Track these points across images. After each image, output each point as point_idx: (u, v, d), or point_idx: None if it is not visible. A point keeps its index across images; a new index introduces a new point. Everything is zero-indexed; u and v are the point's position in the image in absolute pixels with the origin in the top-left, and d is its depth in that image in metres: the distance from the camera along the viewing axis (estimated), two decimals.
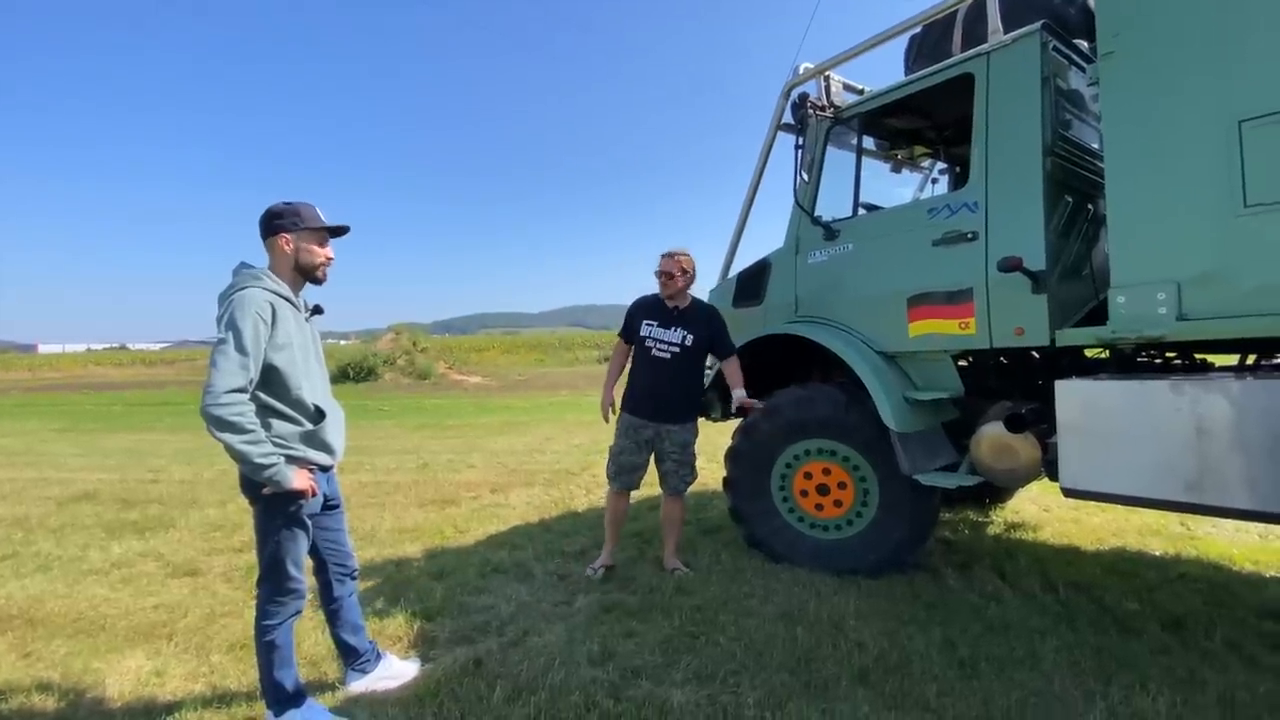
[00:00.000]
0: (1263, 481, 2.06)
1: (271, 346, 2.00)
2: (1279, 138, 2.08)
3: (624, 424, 3.51)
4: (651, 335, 3.43)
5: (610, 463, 3.55)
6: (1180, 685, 2.28)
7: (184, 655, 2.74)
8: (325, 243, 2.22)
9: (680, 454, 3.48)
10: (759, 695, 2.29)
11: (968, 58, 2.99)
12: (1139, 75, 2.35)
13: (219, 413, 1.86)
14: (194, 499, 5.80)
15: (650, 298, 3.55)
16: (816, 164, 3.57)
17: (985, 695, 2.25)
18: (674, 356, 3.40)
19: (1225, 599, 3.01)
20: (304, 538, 2.16)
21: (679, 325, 3.41)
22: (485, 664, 2.57)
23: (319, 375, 2.23)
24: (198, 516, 5.12)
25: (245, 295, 1.99)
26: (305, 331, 2.19)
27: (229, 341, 1.91)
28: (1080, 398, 2.41)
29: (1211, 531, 3.95)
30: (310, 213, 2.17)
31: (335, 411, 2.25)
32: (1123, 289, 2.37)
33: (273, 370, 2.01)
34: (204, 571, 3.81)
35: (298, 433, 2.09)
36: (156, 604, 3.31)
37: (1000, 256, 2.70)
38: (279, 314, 2.04)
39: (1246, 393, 2.10)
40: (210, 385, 1.87)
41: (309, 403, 2.11)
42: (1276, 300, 2.10)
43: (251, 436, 1.90)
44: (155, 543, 4.45)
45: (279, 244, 2.14)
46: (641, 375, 3.48)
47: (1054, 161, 2.77)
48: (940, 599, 3.05)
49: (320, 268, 2.20)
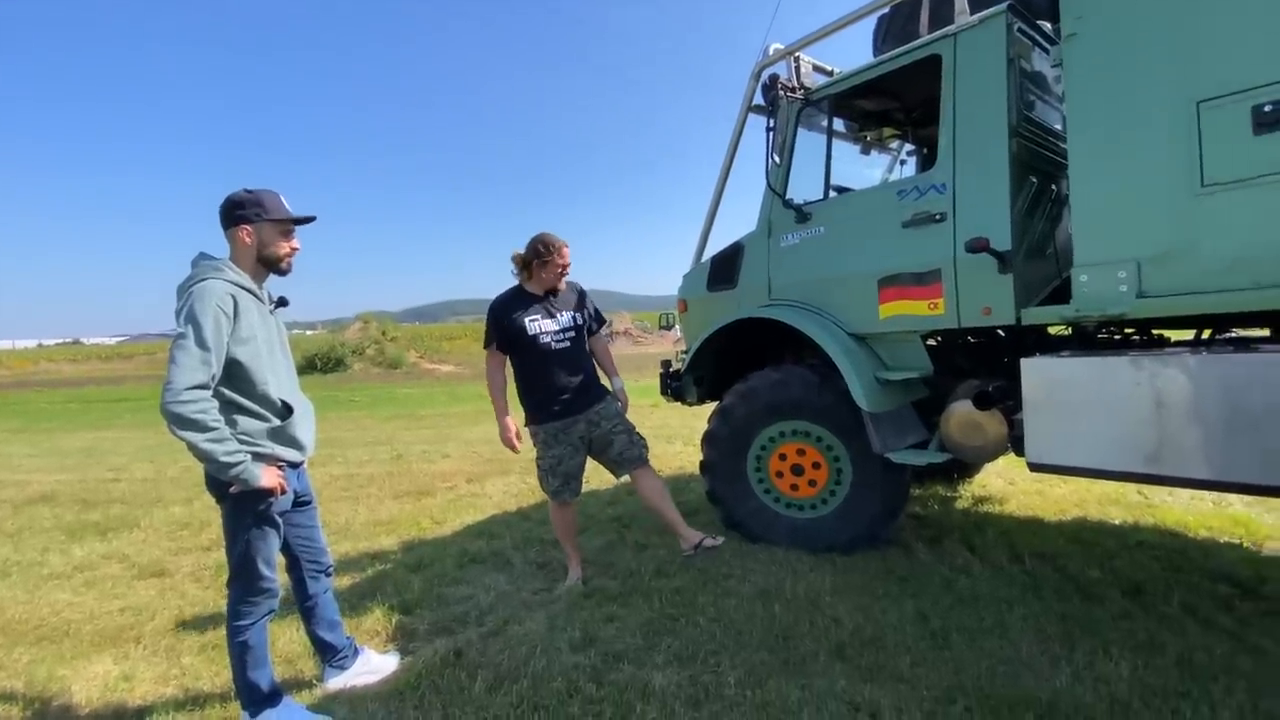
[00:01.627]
0: (1217, 452, 2.14)
1: (234, 340, 1.93)
2: (1235, 118, 2.13)
3: (548, 434, 3.15)
4: (543, 330, 3.09)
5: (549, 477, 3.18)
6: (1141, 649, 2.38)
7: (153, 658, 2.68)
8: (290, 233, 2.13)
9: (622, 424, 3.26)
10: (739, 674, 2.33)
11: (934, 39, 3.00)
12: (1101, 57, 2.38)
13: (180, 410, 1.79)
14: (158, 497, 5.65)
15: (511, 295, 3.17)
16: (788, 146, 3.56)
17: (956, 664, 2.32)
18: (572, 341, 3.16)
19: (1182, 564, 3.14)
20: (275, 536, 2.11)
21: (562, 309, 3.17)
22: (466, 654, 2.56)
23: (285, 369, 2.17)
24: (163, 515, 4.99)
25: (205, 287, 1.91)
26: (270, 324, 2.12)
27: (189, 336, 1.84)
28: (1044, 375, 2.47)
29: (1168, 500, 4.11)
30: (274, 202, 2.08)
31: (304, 406, 2.19)
32: (1085, 268, 2.43)
33: (236, 365, 1.95)
34: (171, 572, 3.72)
35: (265, 429, 2.03)
36: (123, 607, 3.23)
37: (968, 237, 2.74)
38: (241, 306, 1.97)
39: (1201, 367, 2.17)
40: (170, 382, 1.80)
41: (275, 398, 2.05)
42: (1231, 278, 2.17)
43: (215, 434, 1.84)
44: (119, 544, 4.33)
45: (240, 235, 2.05)
46: (547, 376, 3.10)
47: (1019, 143, 2.81)
48: (912, 573, 3.13)
49: (284, 259, 2.13)
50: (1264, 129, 2.08)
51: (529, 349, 3.09)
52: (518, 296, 3.16)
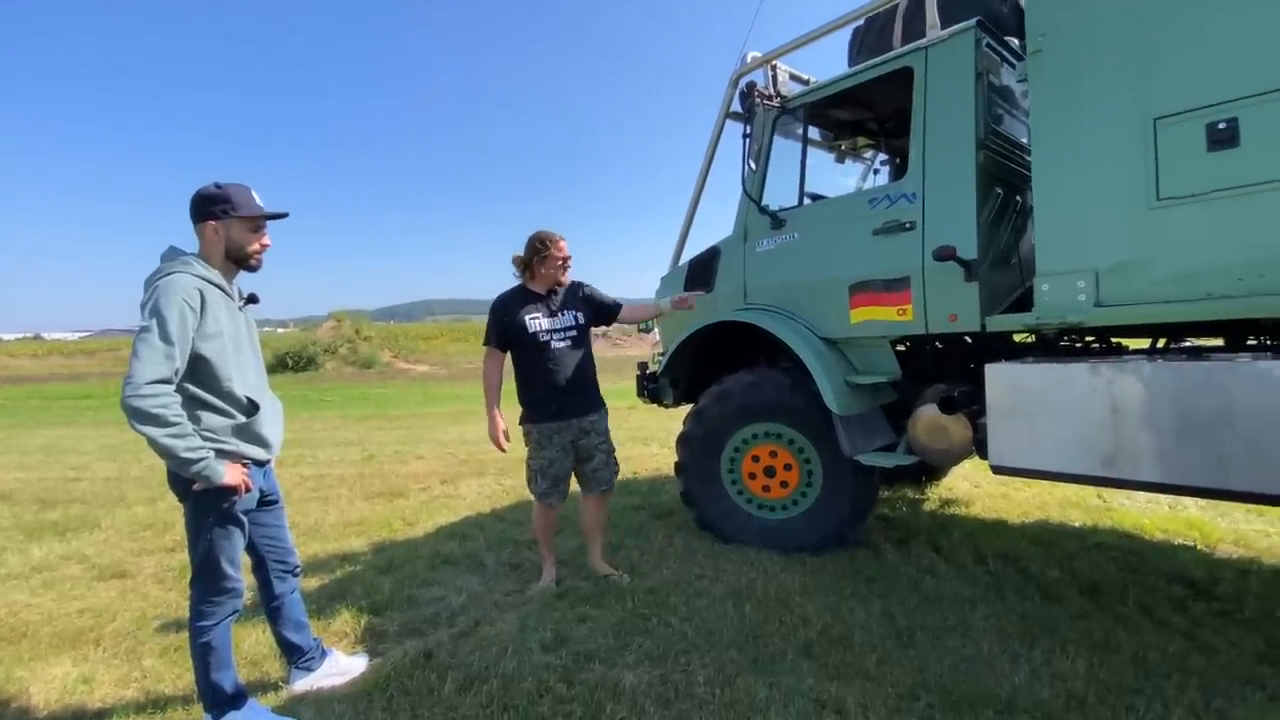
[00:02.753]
0: (1169, 456, 2.22)
1: (200, 335, 1.90)
2: (1190, 135, 2.22)
3: (541, 434, 3.10)
4: (544, 329, 3.06)
5: (538, 479, 3.13)
6: (1097, 647, 2.45)
7: (113, 660, 2.61)
8: (260, 229, 2.09)
9: (606, 443, 3.24)
10: (709, 673, 2.35)
11: (906, 52, 3.08)
12: (1064, 74, 2.46)
13: (140, 404, 1.75)
14: (120, 497, 5.51)
15: (514, 293, 3.14)
16: (764, 153, 3.61)
17: (920, 662, 2.37)
18: (574, 341, 3.12)
19: (1138, 566, 3.24)
20: (239, 535, 2.07)
21: (564, 308, 3.14)
22: (436, 655, 2.55)
23: (253, 366, 2.13)
24: (125, 515, 4.87)
25: (172, 281, 1.88)
26: (238, 320, 2.09)
27: (153, 329, 1.80)
28: (1007, 380, 2.54)
29: (1126, 503, 4.24)
30: (244, 197, 2.04)
31: (271, 403, 2.16)
32: (1046, 277, 2.51)
33: (201, 360, 1.91)
34: (133, 573, 3.63)
35: (229, 425, 1.99)
36: (82, 608, 3.14)
37: (935, 246, 2.82)
38: (208, 301, 1.93)
39: (1155, 375, 2.25)
40: (131, 376, 1.76)
41: (241, 395, 2.01)
42: (1184, 289, 2.26)
43: (176, 430, 1.80)
44: (79, 544, 4.21)
45: (208, 231, 2.02)
46: (546, 375, 3.07)
47: (986, 154, 2.89)
48: (880, 573, 3.18)
49: (254, 256, 2.09)
50: (1217, 146, 2.18)
51: (529, 347, 3.06)
52: (520, 294, 3.14)
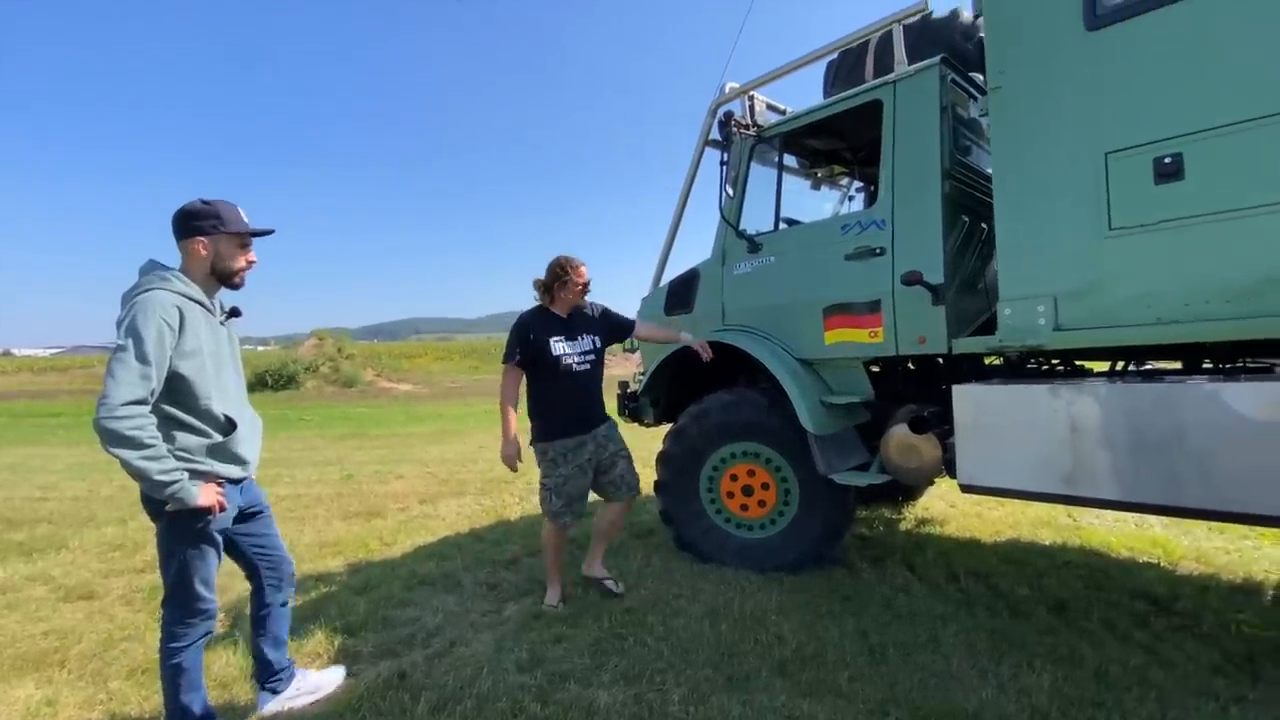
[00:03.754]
0: (1125, 474, 2.31)
1: (178, 354, 1.88)
2: (1139, 169, 2.34)
3: (556, 452, 3.14)
4: (565, 352, 3.12)
5: (553, 498, 3.17)
6: (1062, 662, 2.51)
7: (79, 683, 2.56)
8: (247, 246, 2.10)
9: (624, 450, 3.31)
10: (683, 691, 2.37)
11: (876, 85, 3.21)
12: (1022, 109, 2.59)
13: (113, 426, 1.73)
14: (89, 517, 5.39)
15: (537, 314, 3.20)
16: (741, 179, 3.72)
17: (891, 679, 2.41)
18: (592, 364, 3.22)
19: (1103, 583, 3.32)
20: (212, 556, 2.04)
21: (582, 332, 3.22)
22: (410, 676, 2.54)
23: (234, 383, 2.13)
24: (93, 536, 4.77)
25: (150, 298, 1.87)
26: (219, 337, 2.08)
27: (129, 349, 1.78)
28: (973, 401, 2.63)
29: (1094, 522, 4.34)
30: (231, 214, 2.04)
31: (250, 420, 2.15)
32: (1009, 302, 2.61)
33: (179, 379, 1.89)
34: (101, 595, 3.56)
35: (204, 445, 1.97)
36: (47, 630, 3.08)
37: (904, 271, 2.92)
38: (187, 319, 1.92)
39: (1111, 396, 2.35)
40: (105, 396, 1.74)
41: (219, 413, 2.00)
42: (1136, 313, 2.36)
43: (150, 452, 1.77)
44: (45, 565, 4.12)
45: (195, 247, 2.01)
46: (564, 395, 3.14)
47: (952, 184, 3.01)
48: (855, 591, 3.23)
49: (239, 274, 2.09)
50: (1164, 179, 2.30)
51: (550, 369, 3.11)
52: (542, 316, 3.19)
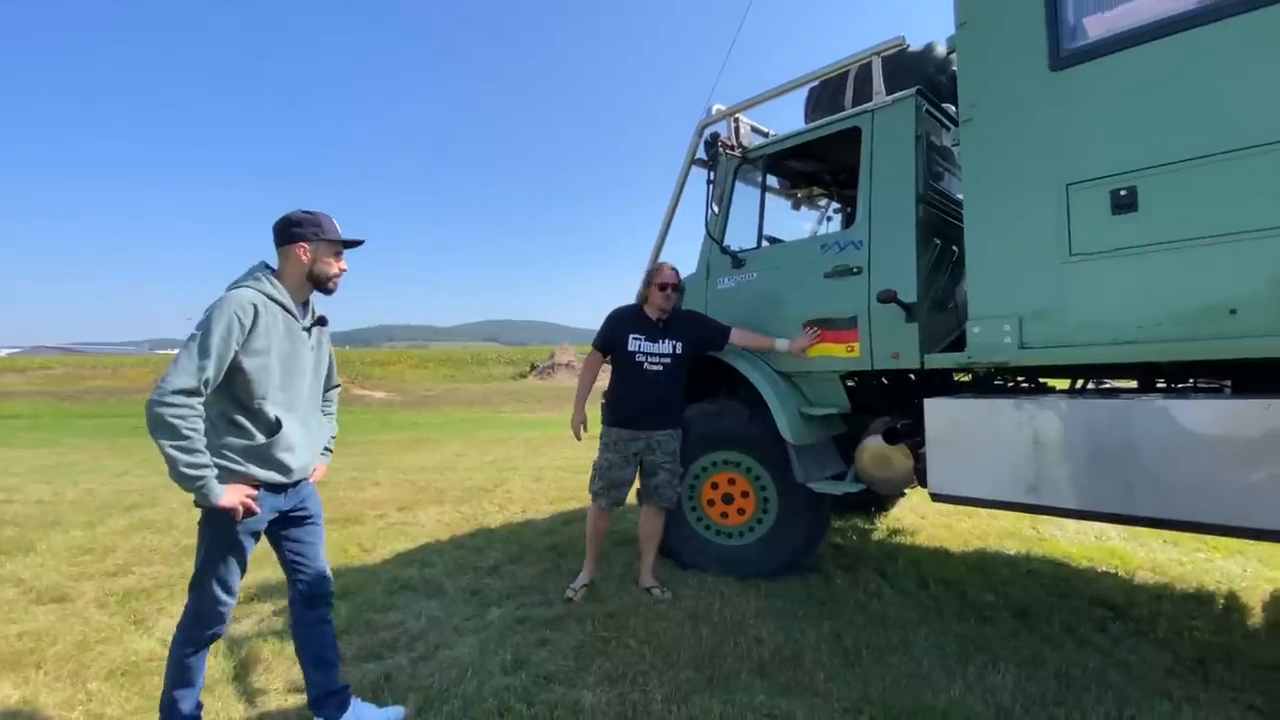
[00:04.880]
0: (1084, 485, 2.45)
1: (245, 350, 1.92)
2: (1096, 199, 2.51)
3: (611, 438, 3.40)
4: (641, 349, 3.37)
5: (596, 478, 3.43)
6: (1025, 664, 2.65)
7: (56, 684, 2.54)
8: (340, 254, 2.20)
9: (672, 463, 3.45)
10: (666, 691, 2.44)
11: (855, 113, 3.38)
12: (991, 140, 2.76)
13: (159, 410, 1.77)
14: (56, 520, 5.25)
15: (631, 310, 3.50)
16: (726, 198, 3.86)
17: (865, 679, 2.52)
18: (665, 368, 3.39)
19: (1065, 590, 3.48)
20: (234, 560, 2.04)
21: (666, 336, 3.41)
22: (395, 678, 2.57)
23: (307, 390, 2.15)
24: (62, 539, 4.66)
25: (232, 295, 1.94)
26: (298, 342, 2.11)
27: (195, 339, 1.85)
28: (943, 414, 2.76)
29: (1057, 534, 4.53)
30: (329, 223, 2.15)
31: (313, 429, 2.17)
32: (977, 320, 2.76)
33: (239, 373, 1.93)
34: (73, 597, 3.50)
35: (245, 447, 1.98)
36: (20, 632, 3.02)
37: (880, 289, 3.06)
38: (262, 318, 1.96)
39: (1071, 411, 2.50)
40: (162, 381, 1.79)
41: (270, 415, 2.01)
42: (1094, 334, 2.52)
43: (185, 444, 1.80)
44: (13, 567, 4.03)
45: (296, 252, 2.09)
46: (632, 390, 3.40)
47: (925, 208, 3.17)
48: (830, 597, 3.34)
49: (333, 279, 2.18)
50: (1119, 210, 2.46)
51: (625, 362, 3.41)
52: (634, 314, 3.49)
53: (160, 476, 7.54)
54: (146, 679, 2.58)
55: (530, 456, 9.05)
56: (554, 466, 7.91)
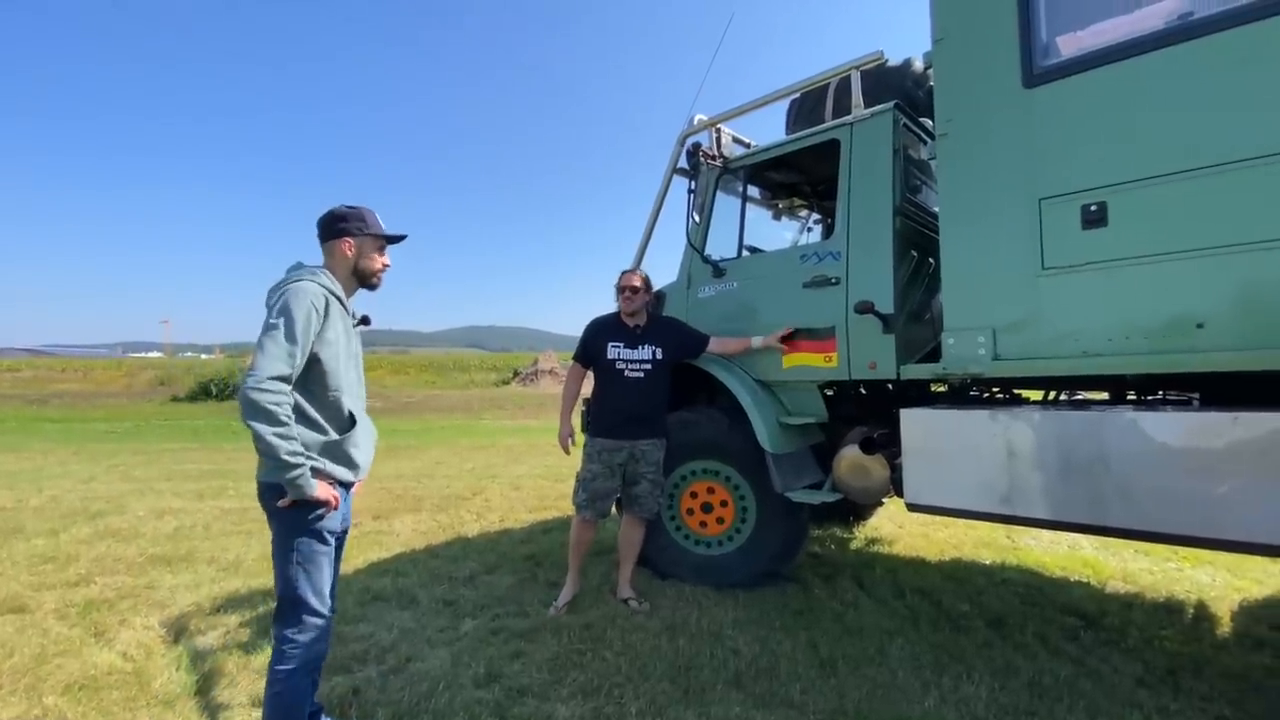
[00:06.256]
0: (1057, 494, 2.48)
1: (320, 340, 1.92)
2: (1068, 215, 2.55)
3: (595, 448, 3.38)
4: (620, 357, 3.37)
5: (580, 490, 3.40)
6: (999, 673, 2.66)
7: (11, 698, 2.45)
8: (384, 250, 2.18)
9: (655, 473, 3.43)
10: (641, 704, 2.41)
11: (835, 126, 3.41)
12: (966, 155, 2.79)
13: (256, 397, 1.74)
14: (17, 528, 5.09)
15: (609, 319, 3.50)
16: (707, 207, 3.87)
17: (841, 690, 2.51)
18: (646, 375, 3.38)
19: (1038, 600, 3.52)
20: (325, 560, 1.97)
21: (645, 342, 3.41)
22: (364, 692, 2.51)
23: (356, 384, 2.13)
24: (23, 548, 4.52)
25: (301, 286, 1.91)
26: (351, 336, 2.11)
27: (279, 327, 1.82)
28: (919, 424, 2.79)
29: (1031, 544, 4.58)
30: (373, 219, 2.14)
31: (366, 426, 2.14)
32: (952, 332, 2.79)
33: (317, 364, 1.92)
34: (32, 608, 3.39)
35: (320, 442, 1.95)
36: None
37: (857, 300, 3.09)
38: (331, 309, 1.97)
39: (1043, 422, 2.53)
40: (255, 368, 1.76)
41: (346, 408, 2.00)
42: (1065, 346, 2.56)
43: (284, 430, 1.78)
44: None
45: (341, 247, 2.08)
46: (613, 398, 3.39)
47: (902, 221, 3.21)
48: (807, 606, 3.34)
49: (377, 274, 2.17)
50: (1089, 225, 2.51)
51: (605, 370, 3.41)
52: (612, 321, 3.49)
53: (129, 483, 7.36)
54: (105, 693, 2.50)
55: (510, 464, 8.97)
56: (534, 475, 7.84)
